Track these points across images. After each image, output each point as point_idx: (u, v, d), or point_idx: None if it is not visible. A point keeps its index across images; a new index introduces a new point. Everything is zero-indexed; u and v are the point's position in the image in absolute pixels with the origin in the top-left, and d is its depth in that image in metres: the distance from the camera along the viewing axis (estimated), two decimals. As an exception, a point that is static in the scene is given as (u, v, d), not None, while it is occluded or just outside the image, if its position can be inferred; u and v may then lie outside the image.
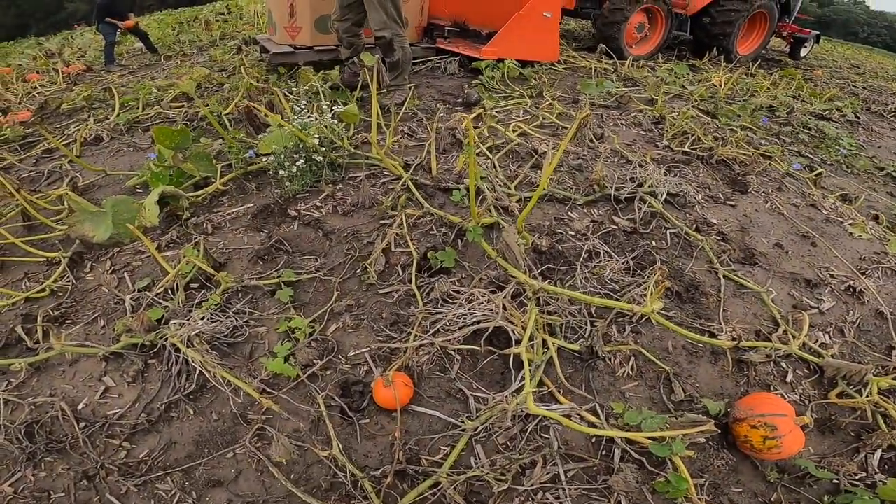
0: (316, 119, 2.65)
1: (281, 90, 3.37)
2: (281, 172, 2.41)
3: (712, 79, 5.33)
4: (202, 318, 1.76)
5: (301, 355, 1.64)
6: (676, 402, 1.60)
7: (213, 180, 2.53)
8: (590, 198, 2.46)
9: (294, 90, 3.65)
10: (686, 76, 5.40)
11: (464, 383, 1.57)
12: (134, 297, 1.93)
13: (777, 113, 4.51)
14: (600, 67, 5.41)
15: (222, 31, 9.57)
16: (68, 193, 2.10)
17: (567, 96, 4.26)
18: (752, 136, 3.74)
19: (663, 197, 2.47)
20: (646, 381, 1.65)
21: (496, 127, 3.13)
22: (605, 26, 6.01)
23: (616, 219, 2.34)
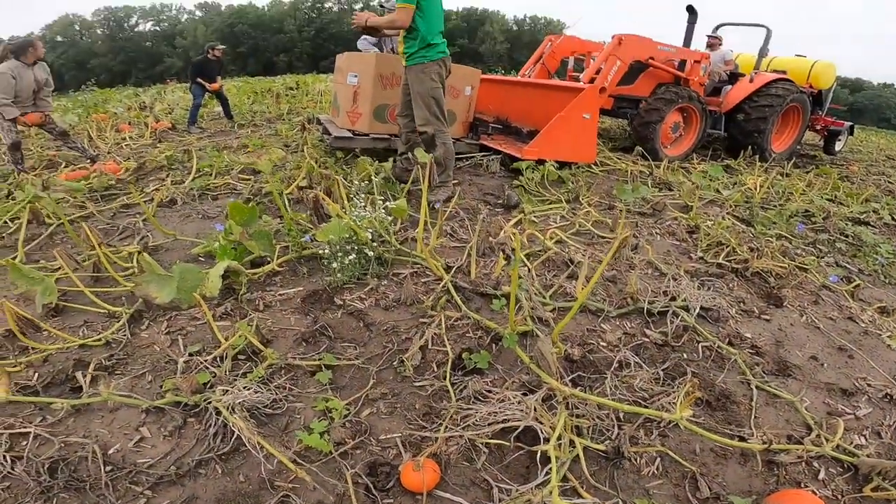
0: (369, 213, 2.92)
1: (339, 177, 3.67)
2: (334, 264, 2.63)
3: (747, 181, 5.36)
4: (246, 388, 1.84)
5: (335, 433, 1.69)
6: (702, 500, 1.57)
7: (270, 260, 2.75)
8: (623, 311, 2.54)
9: (350, 177, 3.98)
10: (721, 179, 5.43)
11: (489, 474, 1.57)
12: (185, 360, 2.04)
13: (813, 219, 4.48)
14: (636, 170, 5.49)
15: (289, 106, 10.57)
16: (143, 255, 2.33)
17: (603, 202, 4.40)
18: (788, 246, 3.72)
19: (696, 311, 2.53)
20: (671, 480, 1.63)
21: (535, 234, 3.30)
22: (642, 126, 6.10)
23: (648, 331, 2.40)
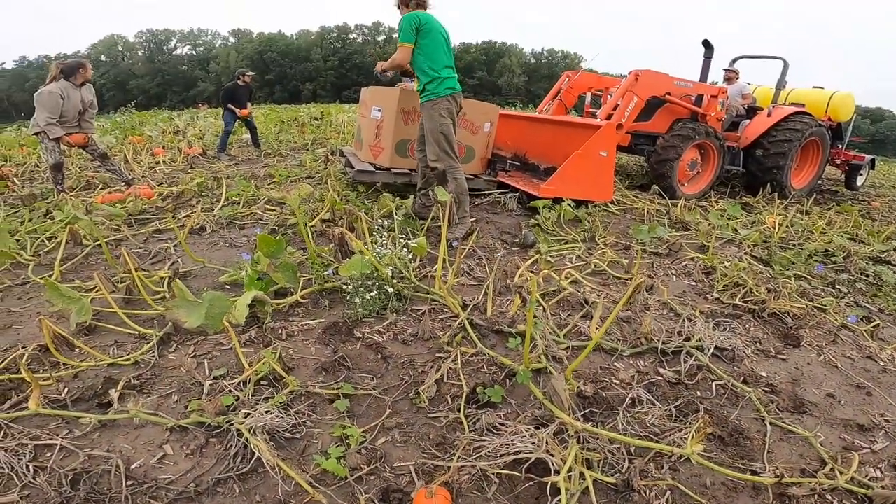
0: (390, 250, 3.02)
1: (361, 212, 3.78)
2: (356, 299, 2.72)
3: (766, 220, 5.30)
4: (267, 412, 1.92)
5: (350, 459, 1.75)
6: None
7: (294, 291, 2.86)
8: (636, 350, 2.57)
9: (371, 212, 4.10)
10: (739, 217, 5.38)
11: (499, 503, 1.62)
12: (210, 383, 2.13)
13: (833, 258, 4.42)
14: (652, 209, 5.46)
15: (314, 136, 10.84)
16: (176, 282, 2.45)
17: (619, 242, 4.40)
18: (807, 287, 3.69)
19: (710, 351, 2.55)
20: (681, 511, 1.65)
21: (551, 274, 3.35)
22: (659, 163, 6.04)
23: (661, 370, 2.43)
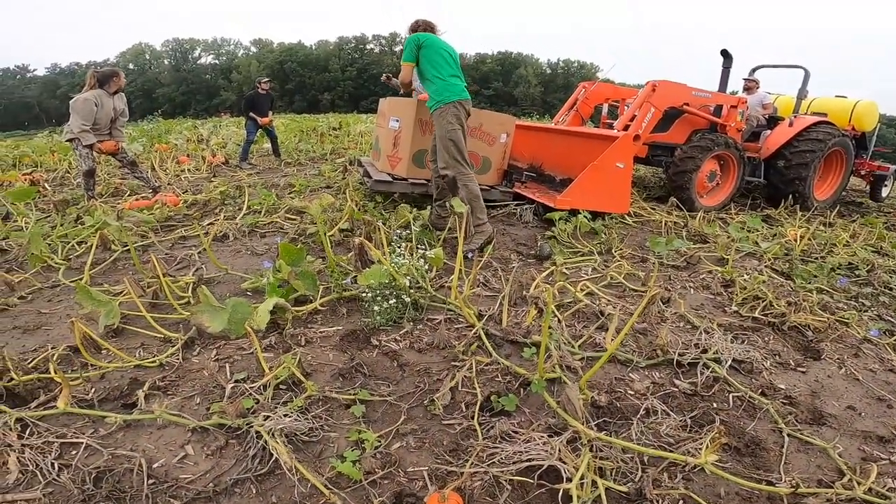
0: (408, 260, 3.07)
1: (379, 222, 3.83)
2: (374, 307, 2.77)
3: (787, 233, 5.21)
4: (286, 416, 1.97)
5: (365, 463, 1.79)
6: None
7: (313, 299, 2.92)
8: (652, 361, 2.57)
9: (389, 223, 4.17)
10: (759, 230, 5.31)
11: (510, 509, 1.64)
12: (231, 386, 2.19)
13: (857, 272, 4.34)
14: (670, 221, 5.42)
15: (333, 146, 11.01)
16: (202, 288, 2.53)
17: (636, 254, 4.38)
18: (829, 300, 3.64)
19: (728, 363, 2.54)
20: (694, 522, 1.65)
21: (566, 286, 3.36)
22: (677, 175, 5.97)
23: (677, 381, 2.43)
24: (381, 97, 5.68)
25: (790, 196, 6.69)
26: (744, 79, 7.66)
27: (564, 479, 1.61)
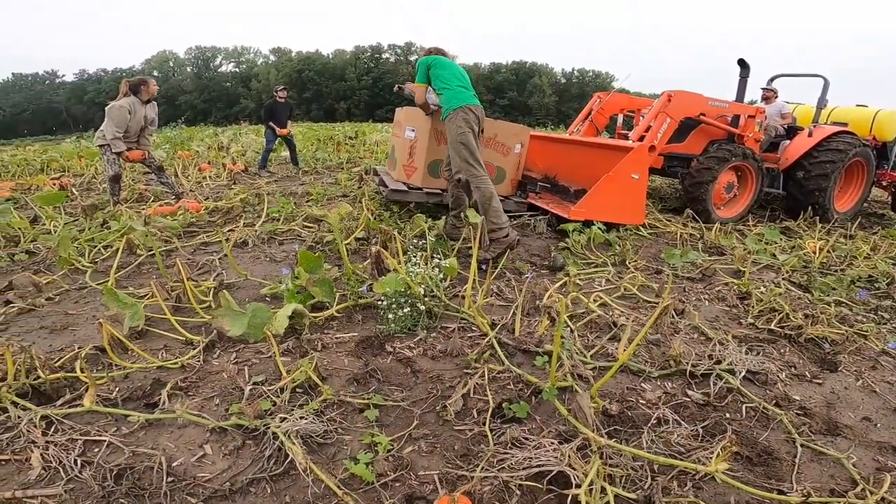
0: (423, 269, 3.12)
1: (394, 231, 3.91)
2: (389, 315, 2.83)
3: (806, 245, 5.16)
4: (302, 418, 2.02)
5: (378, 465, 1.83)
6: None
7: (330, 306, 2.98)
8: (665, 372, 2.58)
9: (404, 232, 4.23)
10: (778, 242, 5.25)
11: (520, 515, 1.67)
12: (250, 388, 2.26)
13: (876, 284, 4.28)
14: (685, 233, 5.38)
15: (349, 155, 11.14)
16: (223, 293, 2.61)
17: (650, 266, 4.37)
18: (848, 313, 3.59)
19: (742, 374, 2.53)
20: (703, 528, 1.66)
21: (579, 297, 3.38)
22: (693, 186, 5.91)
23: (690, 392, 2.43)
24: (397, 107, 5.76)
25: (810, 207, 6.58)
26: (762, 88, 7.59)
27: (573, 485, 1.63)
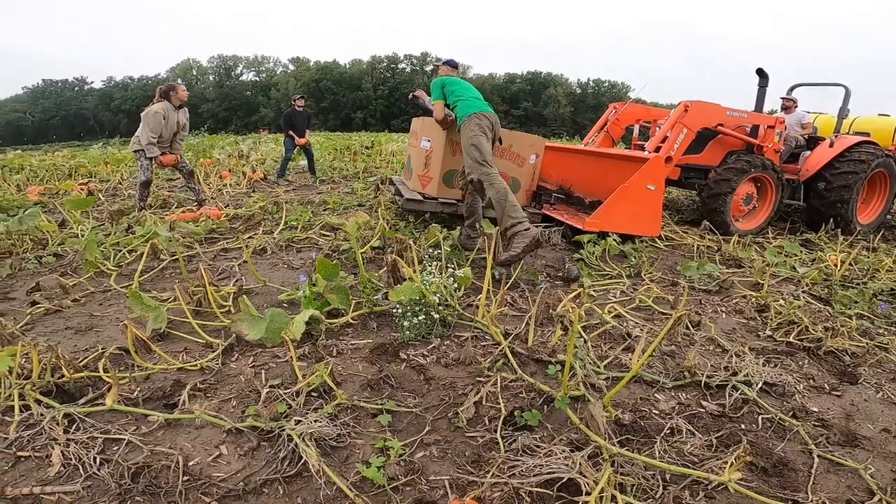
0: (437, 278, 3.16)
1: (409, 240, 3.92)
2: (405, 323, 2.87)
3: (828, 257, 5.04)
4: (316, 421, 2.06)
5: (389, 469, 1.86)
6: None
7: (346, 313, 3.03)
8: (679, 383, 2.56)
9: (419, 241, 4.28)
10: (798, 255, 5.16)
11: (530, 521, 1.68)
12: (266, 391, 2.30)
13: None
14: (703, 245, 5.31)
15: (365, 165, 11.28)
16: (243, 298, 2.67)
17: (666, 278, 4.32)
18: (869, 326, 3.51)
19: (758, 386, 2.51)
20: (716, 538, 1.65)
21: (593, 308, 3.38)
22: (711, 198, 5.82)
23: (704, 403, 2.41)
24: (413, 116, 5.83)
25: (831, 219, 6.42)
26: (781, 98, 7.49)
27: (584, 493, 1.64)
